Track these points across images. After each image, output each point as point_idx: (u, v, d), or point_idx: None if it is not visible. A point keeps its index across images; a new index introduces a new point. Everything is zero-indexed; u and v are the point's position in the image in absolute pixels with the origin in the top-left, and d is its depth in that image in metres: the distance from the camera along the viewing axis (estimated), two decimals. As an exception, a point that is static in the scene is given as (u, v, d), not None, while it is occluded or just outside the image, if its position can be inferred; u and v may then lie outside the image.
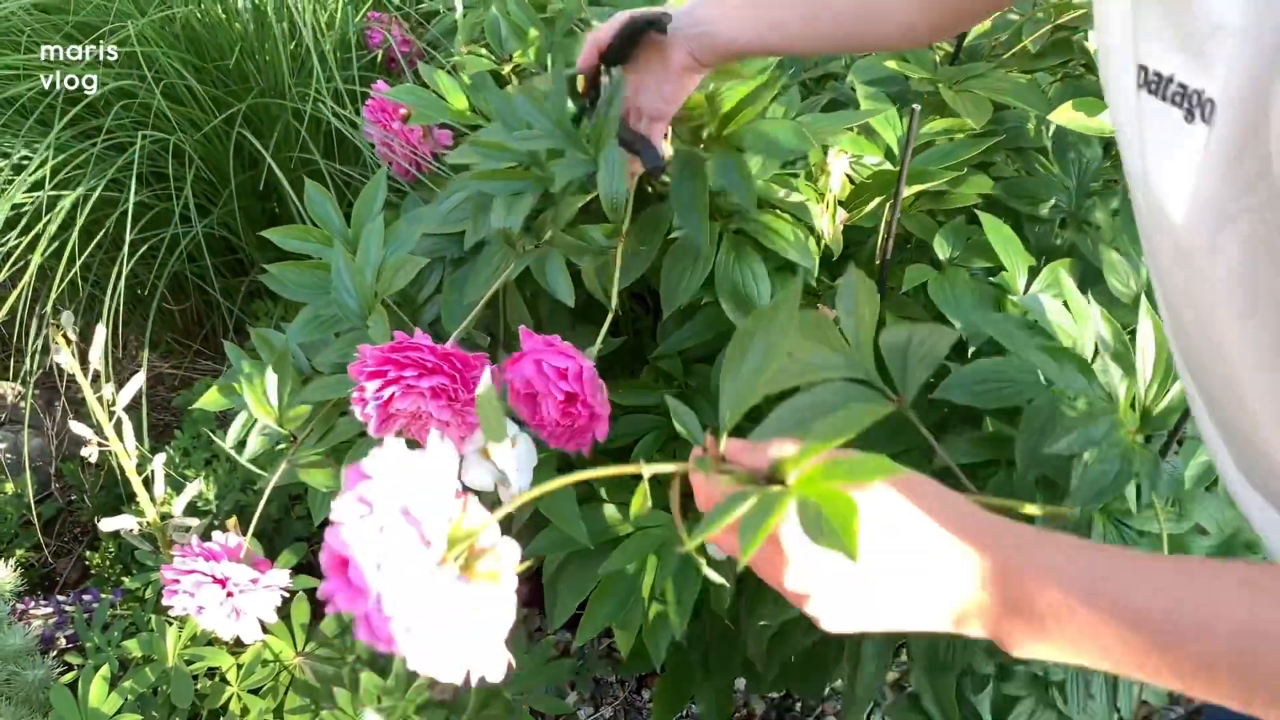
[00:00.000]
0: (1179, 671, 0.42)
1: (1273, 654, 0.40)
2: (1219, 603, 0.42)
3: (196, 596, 0.88)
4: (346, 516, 0.41)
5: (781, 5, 0.83)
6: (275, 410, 0.96)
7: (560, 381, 0.80)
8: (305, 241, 1.04)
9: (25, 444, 1.57)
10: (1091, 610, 0.43)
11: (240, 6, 1.56)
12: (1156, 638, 0.42)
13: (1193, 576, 0.43)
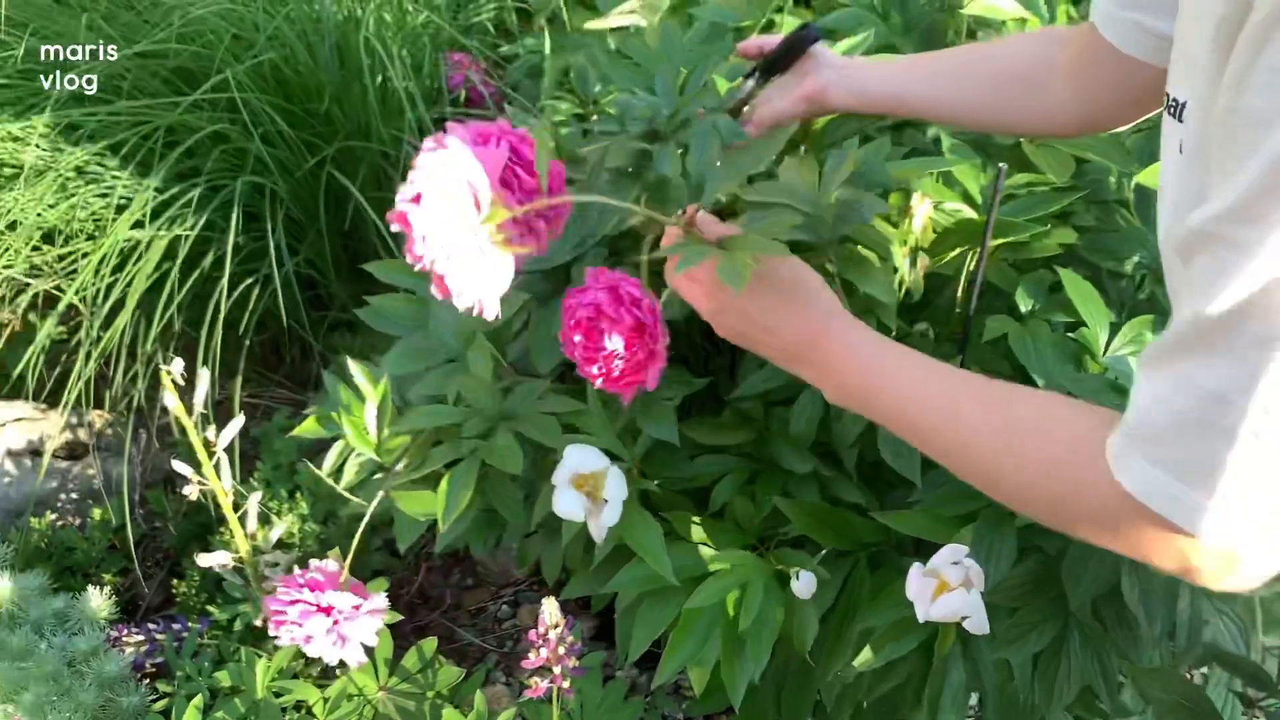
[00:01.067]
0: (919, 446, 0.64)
1: (975, 456, 0.58)
2: (957, 410, 0.59)
3: (305, 626, 0.91)
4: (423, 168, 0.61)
5: (933, 61, 0.86)
6: (374, 441, 0.99)
7: (633, 307, 0.78)
8: (404, 275, 1.08)
9: (123, 471, 1.62)
10: (866, 391, 0.65)
11: (325, 54, 1.63)
12: (905, 426, 0.64)
13: (949, 387, 0.61)
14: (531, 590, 1.71)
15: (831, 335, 0.67)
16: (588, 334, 0.81)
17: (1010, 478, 0.57)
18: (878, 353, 0.65)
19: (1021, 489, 0.57)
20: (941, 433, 0.61)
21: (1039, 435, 0.56)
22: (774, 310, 0.68)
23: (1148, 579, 0.85)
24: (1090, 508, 0.52)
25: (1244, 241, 0.39)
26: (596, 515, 0.89)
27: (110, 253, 1.46)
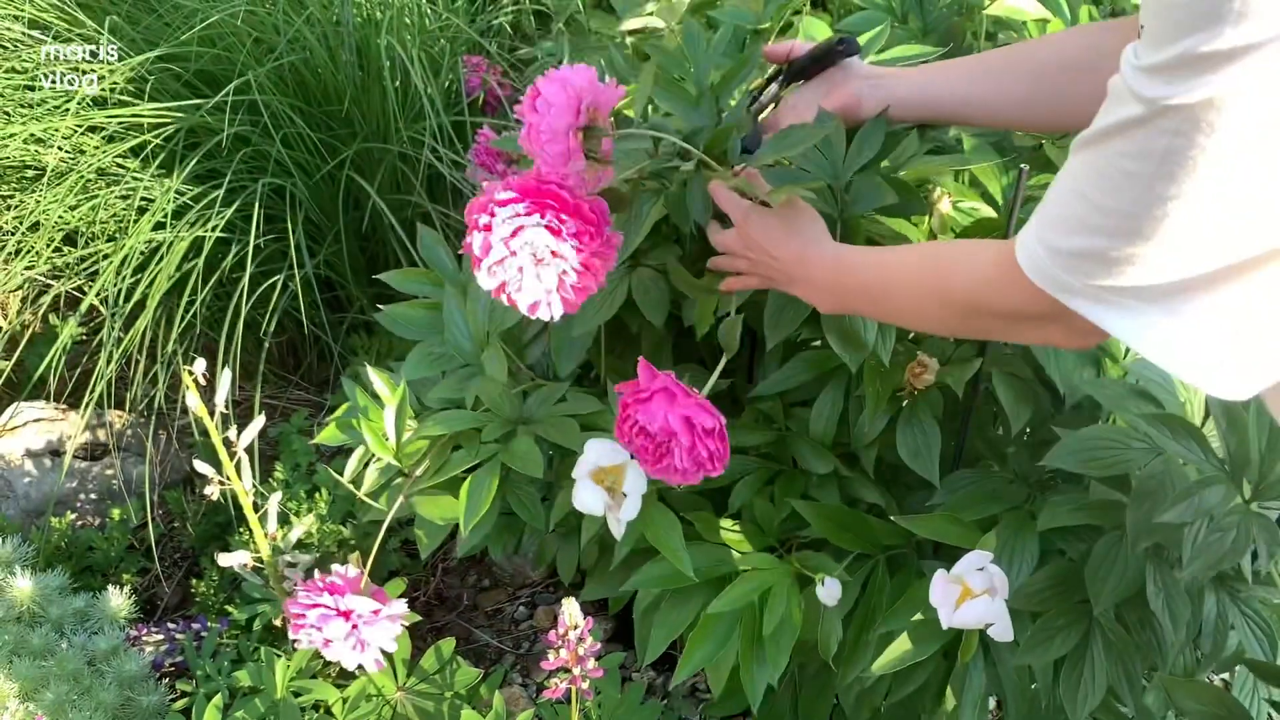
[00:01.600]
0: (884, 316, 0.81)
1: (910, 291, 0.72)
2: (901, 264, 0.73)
3: (324, 630, 0.91)
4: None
5: (969, 62, 0.86)
6: (393, 446, 0.99)
7: (707, 440, 0.82)
8: (419, 283, 1.08)
9: (144, 472, 1.63)
10: (840, 287, 0.79)
11: (345, 56, 1.64)
12: (870, 302, 0.78)
13: (895, 253, 0.76)
14: (548, 591, 1.71)
15: (816, 253, 0.80)
16: (650, 440, 0.83)
17: (927, 294, 0.69)
18: (849, 255, 0.78)
19: (937, 299, 0.68)
20: (889, 289, 0.74)
21: (951, 252, 0.70)
22: (775, 237, 0.82)
23: (1172, 583, 0.84)
24: (991, 294, 0.62)
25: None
26: (616, 509, 0.89)
27: (131, 254, 1.47)
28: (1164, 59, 0.44)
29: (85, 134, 1.55)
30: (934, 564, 1.03)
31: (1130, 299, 0.51)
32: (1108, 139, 0.48)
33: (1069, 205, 0.52)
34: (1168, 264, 0.48)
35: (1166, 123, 0.45)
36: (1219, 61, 0.42)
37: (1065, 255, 0.53)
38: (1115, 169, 0.48)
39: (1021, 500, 0.98)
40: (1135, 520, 0.81)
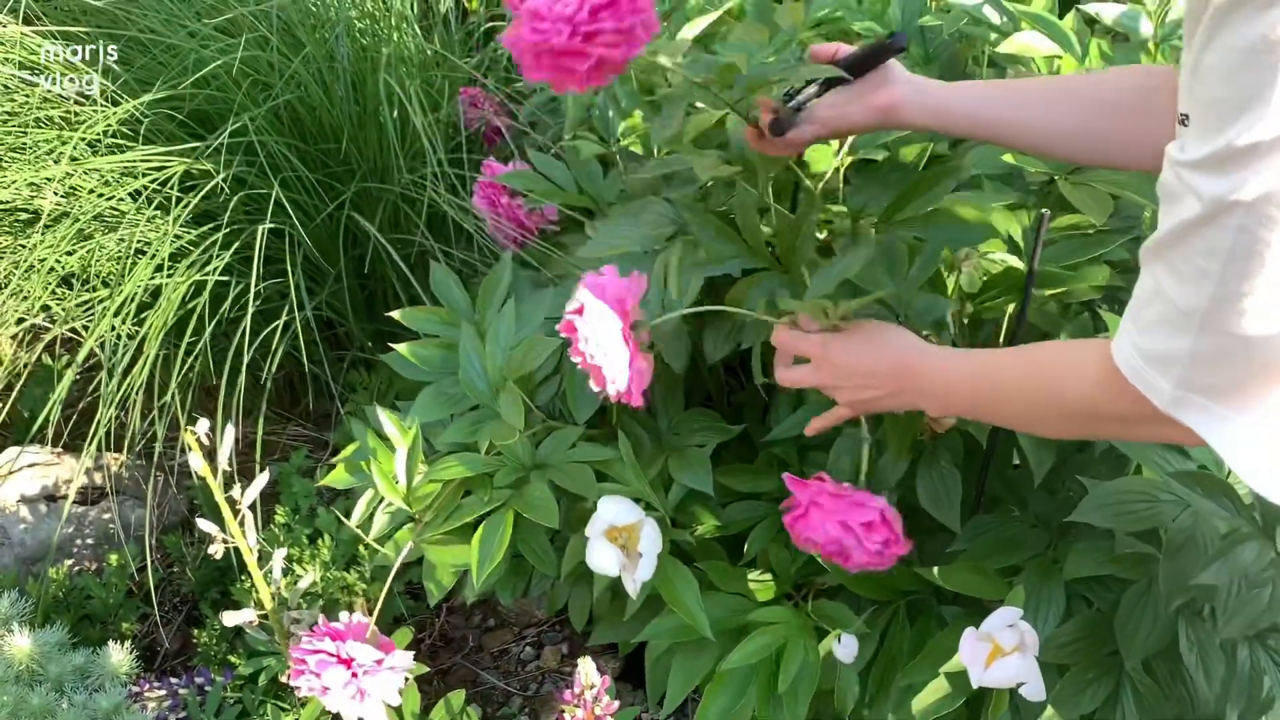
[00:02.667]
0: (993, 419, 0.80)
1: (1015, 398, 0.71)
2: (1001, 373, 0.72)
3: (323, 677, 0.89)
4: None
5: (1017, 85, 0.85)
6: (404, 490, 0.97)
7: (873, 535, 0.82)
8: (430, 322, 1.06)
9: (144, 516, 1.60)
10: (949, 394, 0.77)
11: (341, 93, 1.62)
12: (978, 407, 0.77)
13: (995, 359, 0.75)
14: (554, 630, 1.68)
15: (918, 362, 0.78)
16: (834, 551, 0.85)
17: (1041, 403, 0.68)
18: (955, 363, 0.77)
19: (1053, 408, 0.67)
20: (1001, 401, 0.73)
21: (1055, 359, 0.68)
22: (867, 357, 0.80)
23: (1206, 637, 0.82)
24: (1099, 401, 0.62)
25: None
26: (632, 569, 0.87)
27: (129, 298, 1.44)
28: (1212, 151, 0.45)
29: (81, 176, 1.53)
30: (954, 610, 1.01)
31: (1216, 403, 0.51)
32: (1176, 240, 0.49)
33: (1154, 308, 0.53)
34: (1253, 355, 0.49)
35: (1229, 219, 0.45)
36: (1265, 152, 0.43)
37: (1156, 360, 0.53)
38: (1190, 268, 0.49)
39: (1044, 547, 0.96)
40: (1168, 577, 0.80)
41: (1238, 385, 0.50)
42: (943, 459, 0.98)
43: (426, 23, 1.95)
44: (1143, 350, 0.54)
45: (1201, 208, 0.46)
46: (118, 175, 1.51)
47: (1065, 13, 1.19)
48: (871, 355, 0.79)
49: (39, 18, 1.67)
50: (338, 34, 1.62)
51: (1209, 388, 0.51)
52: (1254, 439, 0.51)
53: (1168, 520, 0.85)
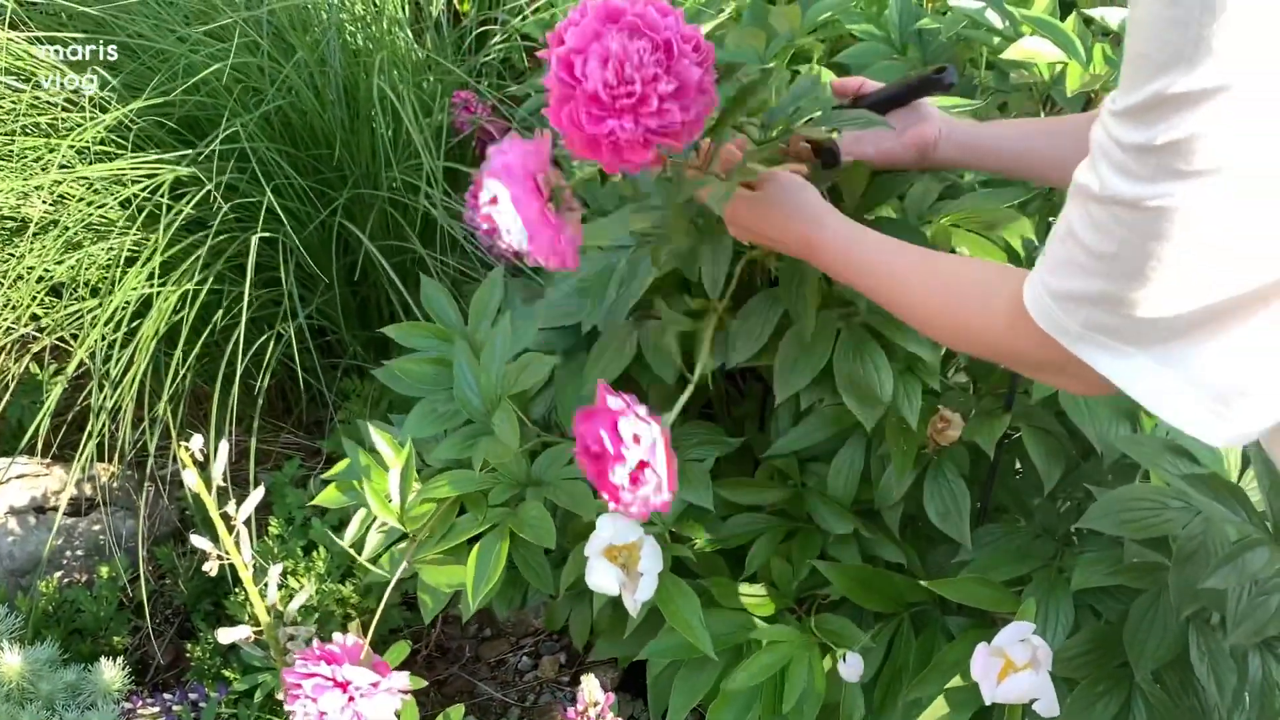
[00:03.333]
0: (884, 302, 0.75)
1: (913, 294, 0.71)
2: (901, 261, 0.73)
3: (319, 702, 0.87)
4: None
5: (1049, 122, 0.86)
6: (397, 509, 0.95)
7: (634, 445, 0.76)
8: (423, 337, 1.04)
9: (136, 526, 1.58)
10: (847, 268, 0.77)
11: (333, 98, 1.60)
12: (872, 287, 0.75)
13: (898, 249, 0.74)
14: (552, 640, 1.67)
15: (820, 238, 0.78)
16: (595, 463, 0.78)
17: (944, 320, 0.69)
18: (859, 251, 0.77)
19: (956, 329, 0.68)
20: (897, 295, 0.73)
21: (965, 281, 0.68)
22: (773, 225, 0.81)
23: (1217, 647, 0.81)
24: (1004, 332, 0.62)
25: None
26: (632, 589, 0.86)
27: (119, 308, 1.42)
28: (1137, 101, 0.45)
29: (70, 184, 1.51)
30: (960, 621, 0.99)
31: (1121, 343, 0.52)
32: (1100, 201, 0.50)
33: (1067, 248, 0.53)
34: (1156, 307, 0.49)
35: (1147, 169, 0.46)
36: (1190, 103, 0.43)
37: (1064, 298, 0.54)
38: (1106, 215, 0.49)
39: (1050, 556, 0.95)
40: (1178, 585, 0.78)
41: (1141, 329, 0.50)
42: (948, 472, 0.96)
43: (418, 26, 1.94)
44: (1051, 288, 0.54)
45: (1123, 156, 0.47)
46: (107, 183, 1.49)
47: (1065, 16, 1.18)
48: (777, 223, 0.80)
49: (24, 23, 1.65)
50: (329, 38, 1.61)
51: (1114, 329, 0.51)
52: (1156, 371, 0.51)
53: (1177, 528, 0.84)
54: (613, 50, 0.67)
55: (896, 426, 0.96)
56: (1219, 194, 0.45)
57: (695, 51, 0.70)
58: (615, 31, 0.68)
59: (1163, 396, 0.51)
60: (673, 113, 0.69)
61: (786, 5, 1.50)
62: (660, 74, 0.68)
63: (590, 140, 0.70)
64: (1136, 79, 0.46)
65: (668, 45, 0.68)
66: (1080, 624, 0.90)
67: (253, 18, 1.60)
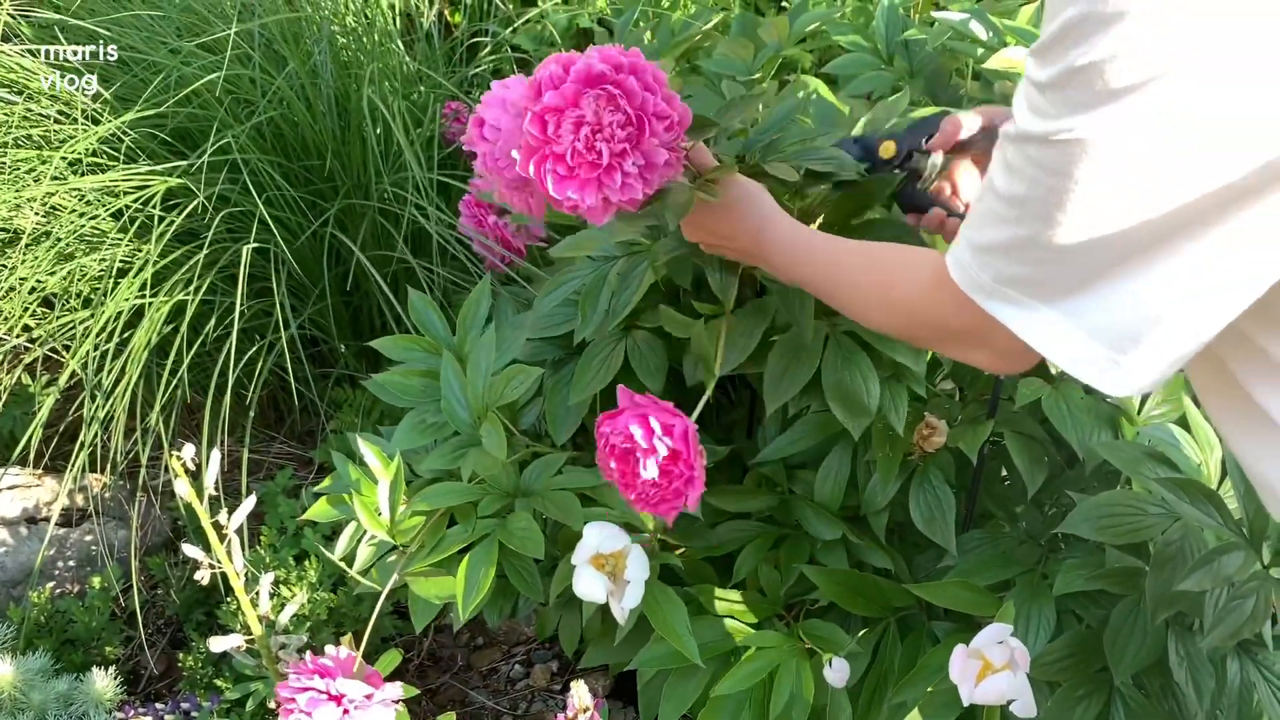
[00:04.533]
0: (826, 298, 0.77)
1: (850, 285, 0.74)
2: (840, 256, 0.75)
3: (314, 716, 0.87)
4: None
5: None
6: (387, 522, 0.96)
7: (666, 436, 0.78)
8: (411, 350, 1.05)
9: (128, 536, 1.58)
10: (794, 266, 0.79)
11: (324, 109, 1.61)
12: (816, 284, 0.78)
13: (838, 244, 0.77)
14: (544, 648, 1.67)
15: (770, 237, 0.81)
16: (622, 461, 0.81)
17: (875, 298, 0.71)
18: (802, 242, 0.80)
19: (884, 304, 0.69)
20: (837, 288, 0.75)
21: (894, 258, 0.70)
22: (725, 223, 0.84)
23: (1195, 652, 0.82)
24: (925, 303, 0.63)
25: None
26: (619, 596, 0.86)
27: (111, 318, 1.43)
28: (1050, 34, 0.47)
29: (62, 196, 1.51)
30: (945, 625, 1.00)
31: (1028, 296, 0.53)
32: (1014, 140, 0.51)
33: (985, 201, 0.54)
34: (1060, 251, 0.50)
35: (1056, 105, 0.47)
36: (1100, 24, 0.44)
37: (980, 250, 0.55)
38: (1018, 155, 0.50)
39: (1034, 562, 0.96)
40: (1155, 589, 0.80)
41: (1047, 278, 0.51)
42: (934, 478, 0.98)
43: (410, 38, 1.95)
44: (971, 242, 0.56)
45: (1035, 94, 0.48)
46: (99, 195, 1.50)
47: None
48: (730, 222, 0.83)
49: (16, 36, 1.66)
50: (320, 50, 1.62)
51: (1023, 280, 0.52)
52: (1057, 322, 0.52)
53: (1156, 533, 0.85)
54: (587, 118, 0.69)
55: (883, 434, 0.98)
56: (1121, 124, 0.46)
57: (668, 131, 0.72)
58: (592, 98, 0.69)
59: (1060, 344, 0.52)
60: (634, 189, 0.71)
61: (776, 17, 1.52)
62: (629, 150, 0.70)
63: (553, 200, 0.72)
64: (1049, 15, 0.47)
65: (640, 122, 0.70)
66: (1063, 629, 0.91)
67: (245, 30, 1.61)
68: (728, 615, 0.99)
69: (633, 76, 0.70)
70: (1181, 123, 0.45)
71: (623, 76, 0.70)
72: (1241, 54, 0.43)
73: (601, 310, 0.96)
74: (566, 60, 0.70)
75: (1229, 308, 0.49)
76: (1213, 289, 0.48)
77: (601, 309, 0.97)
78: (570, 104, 0.70)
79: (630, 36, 1.51)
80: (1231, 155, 0.45)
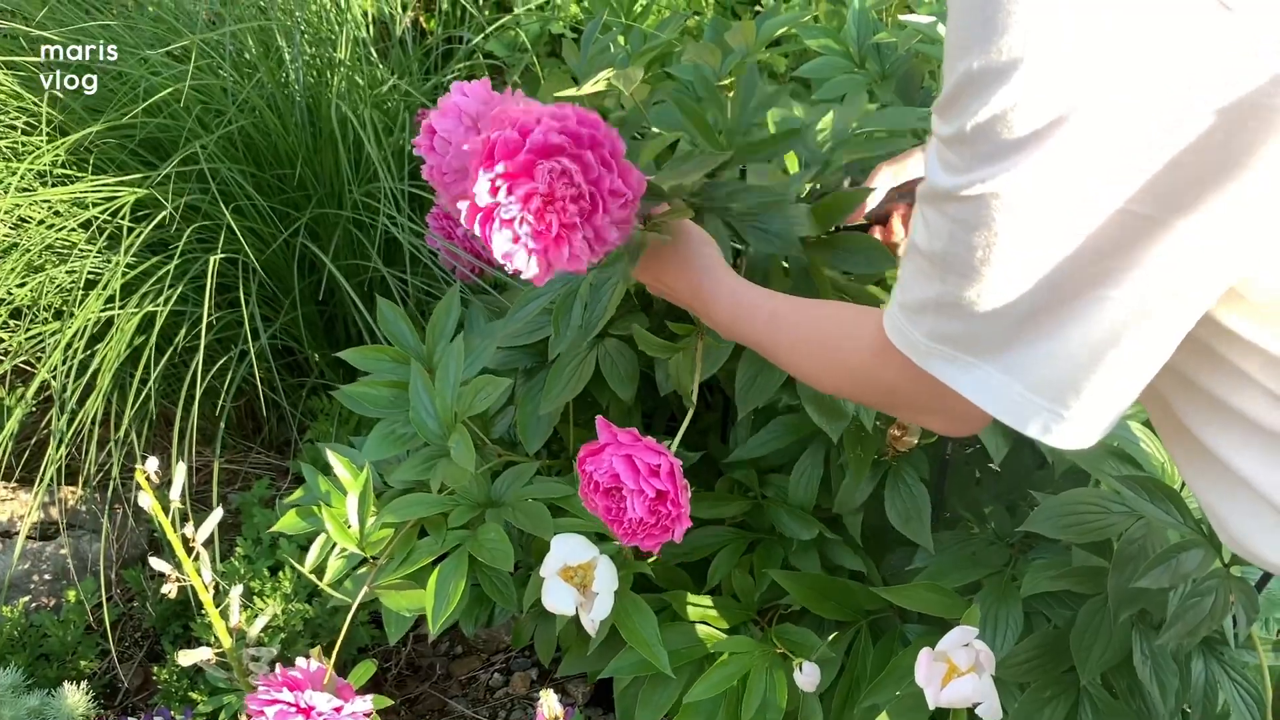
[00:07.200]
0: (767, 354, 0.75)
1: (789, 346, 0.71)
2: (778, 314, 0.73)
3: (282, 730, 0.87)
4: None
5: None
6: (356, 534, 0.96)
7: (651, 479, 0.78)
8: (380, 360, 1.05)
9: (103, 549, 1.57)
10: (733, 322, 0.77)
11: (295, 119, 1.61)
12: (755, 340, 0.75)
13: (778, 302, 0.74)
14: (523, 656, 1.67)
15: (710, 290, 0.79)
16: (607, 498, 0.80)
17: (821, 359, 0.69)
18: (744, 299, 0.77)
19: (831, 367, 0.68)
20: (779, 342, 0.73)
21: (838, 318, 0.69)
22: (668, 273, 0.82)
23: (1160, 650, 0.83)
24: (870, 365, 0.62)
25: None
26: (588, 608, 0.87)
27: (81, 330, 1.42)
28: (949, 90, 0.47)
29: (30, 208, 1.50)
30: (917, 628, 1.01)
31: (964, 353, 0.52)
32: (929, 199, 0.51)
33: (910, 260, 0.54)
34: (987, 303, 0.49)
35: (964, 158, 0.47)
36: (995, 77, 0.44)
37: (910, 309, 0.54)
38: (934, 213, 0.50)
39: (1003, 564, 0.96)
40: (1116, 587, 0.80)
41: (978, 332, 0.51)
42: (908, 477, 0.98)
43: (383, 45, 1.95)
44: (900, 302, 0.55)
45: (943, 150, 0.48)
46: (68, 206, 1.49)
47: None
48: (672, 272, 0.81)
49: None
50: (293, 57, 1.61)
51: (956, 337, 0.52)
52: (1000, 381, 0.51)
53: (1119, 532, 0.85)
54: (540, 189, 0.67)
55: (855, 435, 0.98)
56: (1031, 171, 0.45)
57: (622, 208, 0.71)
58: (546, 170, 0.67)
59: (1001, 400, 0.51)
60: (580, 260, 0.70)
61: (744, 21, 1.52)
62: (579, 224, 0.69)
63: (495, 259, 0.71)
64: (947, 70, 0.47)
65: (594, 199, 0.69)
66: (1032, 630, 0.92)
67: (214, 39, 1.60)
68: (701, 621, 0.99)
69: (590, 151, 0.68)
70: (1088, 162, 0.44)
71: (581, 150, 0.68)
72: (1134, 79, 0.42)
73: (575, 325, 0.96)
74: (523, 125, 0.68)
75: (1161, 348, 0.49)
76: (1143, 330, 0.48)
77: (575, 323, 0.97)
78: (523, 174, 0.68)
79: (598, 42, 1.51)
80: (1133, 186, 0.44)
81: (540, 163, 0.67)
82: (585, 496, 0.82)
